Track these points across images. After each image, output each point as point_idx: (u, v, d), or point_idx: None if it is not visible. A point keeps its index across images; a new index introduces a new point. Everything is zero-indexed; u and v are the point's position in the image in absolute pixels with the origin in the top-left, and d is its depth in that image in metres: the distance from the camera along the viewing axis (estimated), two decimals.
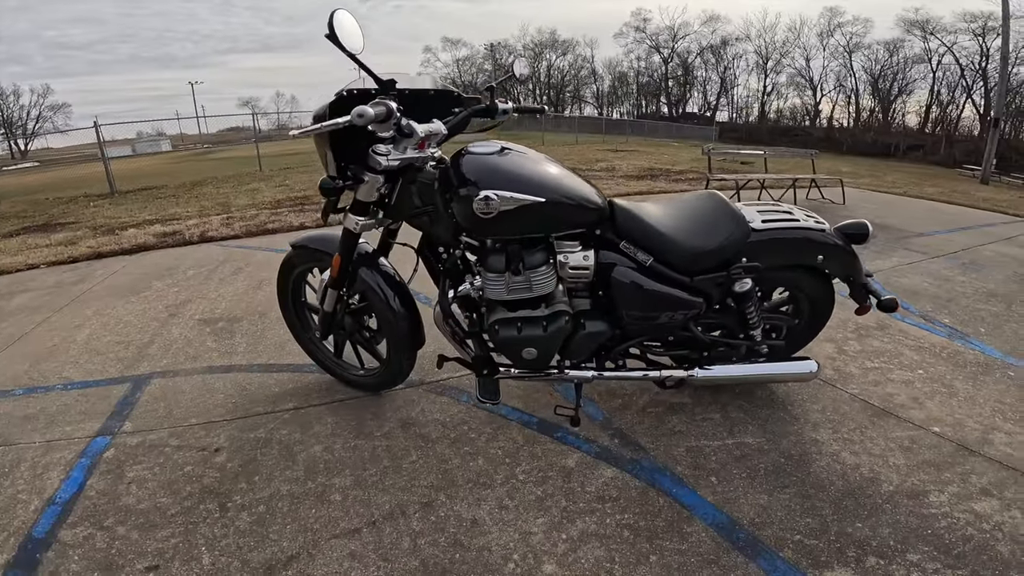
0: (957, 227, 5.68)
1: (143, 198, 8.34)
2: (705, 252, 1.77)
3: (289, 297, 2.24)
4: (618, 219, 1.76)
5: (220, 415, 2.11)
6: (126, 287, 3.66)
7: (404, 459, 1.83)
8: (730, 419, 2.05)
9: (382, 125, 1.54)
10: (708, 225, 1.81)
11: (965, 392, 2.29)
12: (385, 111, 1.49)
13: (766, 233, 1.82)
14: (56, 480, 1.78)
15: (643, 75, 44.32)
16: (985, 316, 3.14)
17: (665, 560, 1.45)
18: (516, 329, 1.72)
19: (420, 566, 1.43)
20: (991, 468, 1.80)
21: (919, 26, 32.05)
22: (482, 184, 1.57)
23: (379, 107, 1.48)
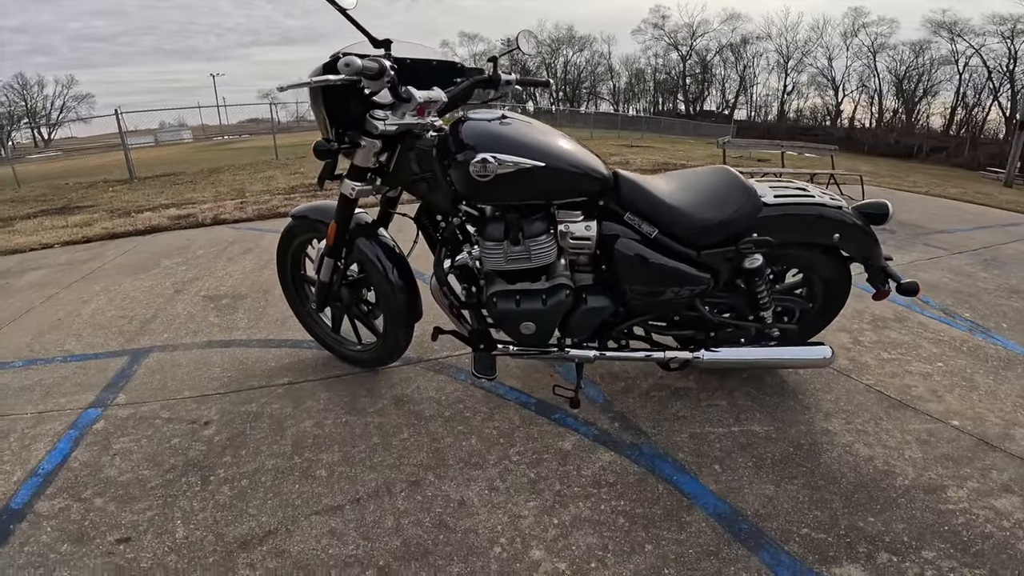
0: (979, 225, 5.49)
1: (161, 184, 8.44)
2: (713, 225, 1.69)
3: (288, 269, 2.20)
4: (622, 190, 1.69)
5: (214, 388, 2.08)
6: (136, 265, 3.67)
7: (395, 436, 1.78)
8: (737, 406, 1.96)
9: (375, 83, 1.48)
10: (717, 198, 1.73)
11: (986, 386, 2.17)
12: (377, 67, 1.44)
13: (778, 208, 1.73)
14: (42, 451, 1.76)
15: (660, 72, 43.90)
16: (1008, 312, 3.00)
17: (661, 550, 1.37)
18: (515, 302, 1.66)
19: (401, 546, 1.37)
20: (1012, 464, 1.70)
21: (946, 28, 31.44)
22: (480, 148, 1.52)
23: (370, 62, 1.43)
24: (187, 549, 1.37)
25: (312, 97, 1.60)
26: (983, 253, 4.29)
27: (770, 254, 1.75)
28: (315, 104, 1.60)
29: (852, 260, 1.89)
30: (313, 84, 1.46)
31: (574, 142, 1.69)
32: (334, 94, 1.57)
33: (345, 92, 1.57)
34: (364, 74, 1.43)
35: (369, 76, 1.44)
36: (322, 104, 1.58)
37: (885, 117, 35.26)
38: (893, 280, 1.84)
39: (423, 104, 1.60)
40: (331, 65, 1.52)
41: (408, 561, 1.33)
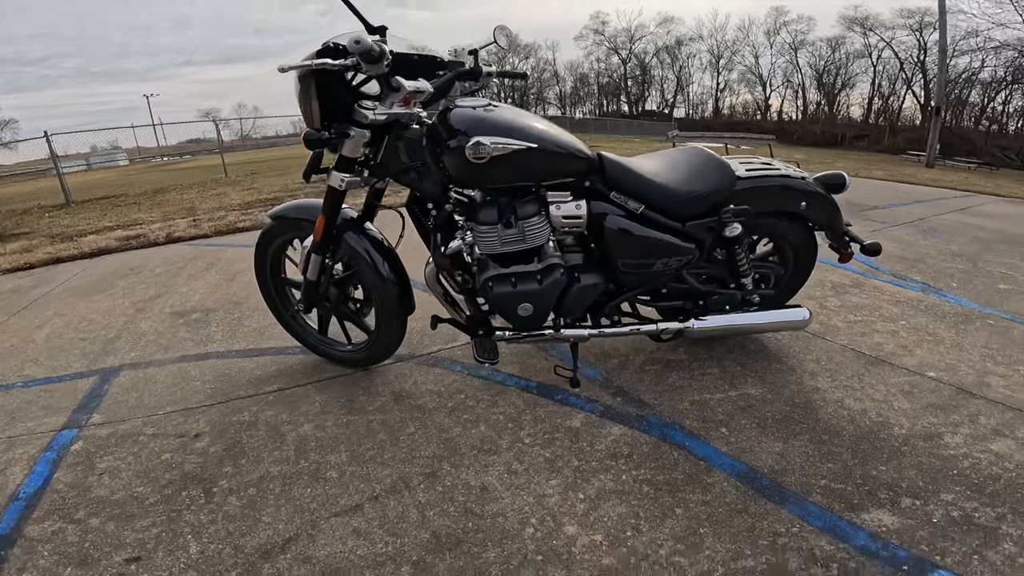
0: (912, 200, 5.90)
1: (102, 206, 7.97)
2: (695, 197, 1.78)
3: (268, 273, 2.13)
4: (607, 170, 1.76)
5: (198, 401, 1.98)
6: (88, 287, 3.46)
7: (401, 431, 1.75)
8: (729, 372, 2.03)
9: (375, 66, 1.48)
10: (696, 173, 1.83)
11: (950, 340, 2.32)
12: (379, 51, 1.44)
13: (751, 181, 1.86)
14: (19, 475, 1.64)
15: (603, 76, 45.00)
16: (954, 273, 3.23)
17: (692, 512, 1.40)
18: (511, 284, 1.68)
19: (431, 538, 1.34)
20: (995, 409, 1.81)
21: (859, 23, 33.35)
22: (472, 132, 1.54)
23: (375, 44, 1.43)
24: (205, 564, 1.30)
25: (303, 85, 1.56)
26: (920, 224, 4.61)
27: (747, 223, 1.86)
28: (306, 92, 1.56)
29: (817, 227, 2.03)
30: (315, 66, 1.44)
31: (561, 129, 1.74)
32: (327, 83, 1.55)
33: (334, 82, 1.55)
34: (370, 54, 1.42)
35: (373, 58, 1.44)
36: (314, 91, 1.55)
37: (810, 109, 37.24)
38: (856, 243, 1.99)
39: (411, 94, 1.61)
40: (324, 52, 1.50)
41: (442, 552, 1.30)
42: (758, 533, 1.33)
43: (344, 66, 1.46)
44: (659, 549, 1.29)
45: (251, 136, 27.58)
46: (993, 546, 1.28)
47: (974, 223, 4.76)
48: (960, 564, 1.24)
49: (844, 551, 1.27)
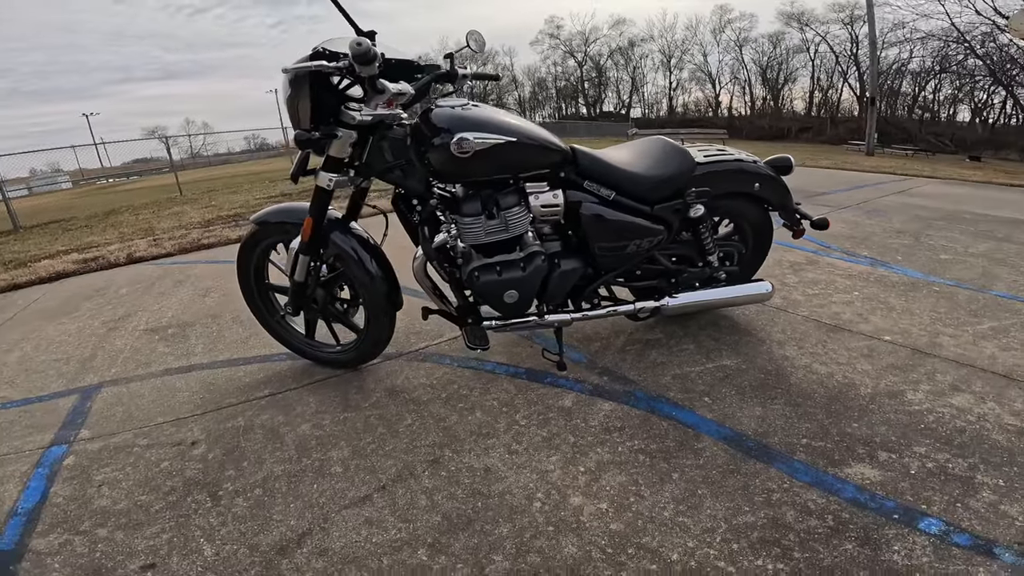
0: (855, 185, 6.28)
1: (51, 231, 7.64)
2: (661, 181, 1.93)
3: (252, 279, 2.14)
4: (580, 161, 1.88)
5: (189, 411, 1.98)
6: (53, 310, 3.35)
7: (399, 423, 1.79)
8: (704, 347, 2.16)
9: (367, 67, 1.54)
10: (660, 160, 1.99)
11: (901, 306, 2.51)
12: (373, 54, 1.51)
13: (709, 166, 2.02)
14: (14, 491, 1.61)
15: (560, 79, 45.66)
16: (898, 247, 3.48)
17: (688, 475, 1.49)
18: (496, 273, 1.76)
19: (443, 520, 1.39)
20: (950, 367, 1.98)
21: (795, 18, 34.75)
22: (455, 129, 1.64)
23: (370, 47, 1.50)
24: (223, 565, 1.31)
25: (296, 87, 1.61)
26: (864, 206, 4.92)
27: (708, 205, 2.02)
28: (298, 94, 1.62)
29: (771, 207, 2.21)
30: (313, 68, 1.51)
31: (536, 124, 1.86)
32: (318, 85, 1.61)
33: (322, 85, 1.62)
34: (366, 56, 1.49)
35: (368, 60, 1.51)
36: (308, 93, 1.60)
37: (757, 105, 38.63)
38: (806, 219, 2.19)
39: (394, 96, 1.68)
40: (316, 56, 1.57)
41: (455, 533, 1.35)
42: (752, 491, 1.42)
43: (338, 68, 1.54)
44: (663, 512, 1.37)
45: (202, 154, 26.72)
46: (972, 495, 1.37)
47: (914, 203, 5.11)
48: (946, 512, 1.32)
49: (835, 503, 1.36)
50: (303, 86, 1.60)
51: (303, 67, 1.54)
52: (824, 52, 33.96)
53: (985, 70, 23.36)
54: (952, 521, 1.30)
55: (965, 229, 4.00)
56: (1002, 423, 1.65)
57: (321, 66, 1.51)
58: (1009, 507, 1.33)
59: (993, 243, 3.61)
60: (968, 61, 23.88)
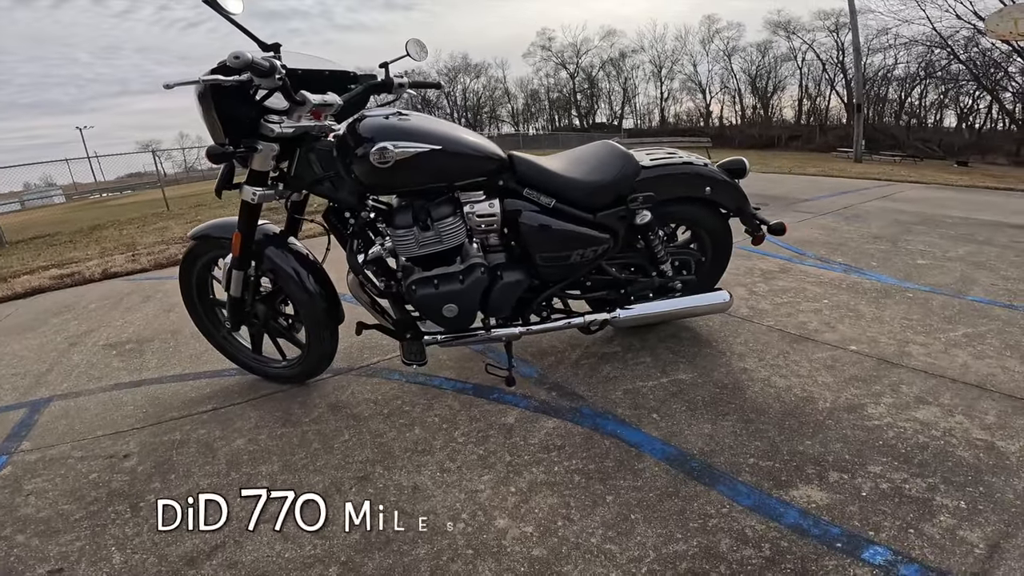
0: (838, 192, 6.25)
1: (36, 246, 7.63)
2: (601, 187, 1.87)
3: (195, 294, 2.10)
4: (518, 168, 1.83)
5: (129, 425, 1.93)
6: (20, 326, 3.30)
7: (336, 439, 1.74)
8: (661, 360, 2.10)
9: (267, 80, 1.49)
10: (602, 165, 1.93)
11: (871, 314, 2.46)
12: (268, 65, 1.46)
13: (655, 169, 1.96)
14: None
15: (553, 91, 45.69)
16: (874, 253, 3.43)
17: (622, 498, 1.42)
18: (433, 286, 1.71)
19: (360, 539, 1.34)
20: (918, 377, 1.89)
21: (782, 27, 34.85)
22: (378, 139, 1.58)
23: (260, 60, 1.45)
24: (128, 573, 1.28)
25: (202, 100, 1.56)
26: (844, 212, 4.88)
27: (658, 211, 1.95)
28: (206, 108, 1.57)
29: (728, 212, 2.14)
30: (202, 81, 1.45)
31: (469, 130, 1.81)
32: (227, 99, 1.55)
33: (238, 98, 1.56)
34: (254, 68, 1.44)
35: (260, 72, 1.45)
36: (213, 107, 1.55)
37: (747, 113, 38.71)
38: (763, 224, 2.11)
39: (318, 107, 1.64)
40: (219, 70, 1.51)
41: (371, 552, 1.30)
42: (689, 516, 1.34)
43: (237, 81, 1.47)
44: (590, 538, 1.30)
45: (196, 167, 26.73)
46: (928, 519, 1.27)
47: (895, 208, 5.07)
48: (895, 539, 1.22)
49: (775, 530, 1.27)
50: (207, 100, 1.54)
51: (191, 81, 1.48)
52: (811, 60, 34.16)
53: (969, 75, 23.42)
54: (901, 550, 1.20)
55: (945, 233, 3.96)
56: (970, 438, 1.55)
57: (216, 80, 1.45)
58: (968, 532, 1.23)
59: (973, 246, 3.57)
60: (952, 66, 24.00)
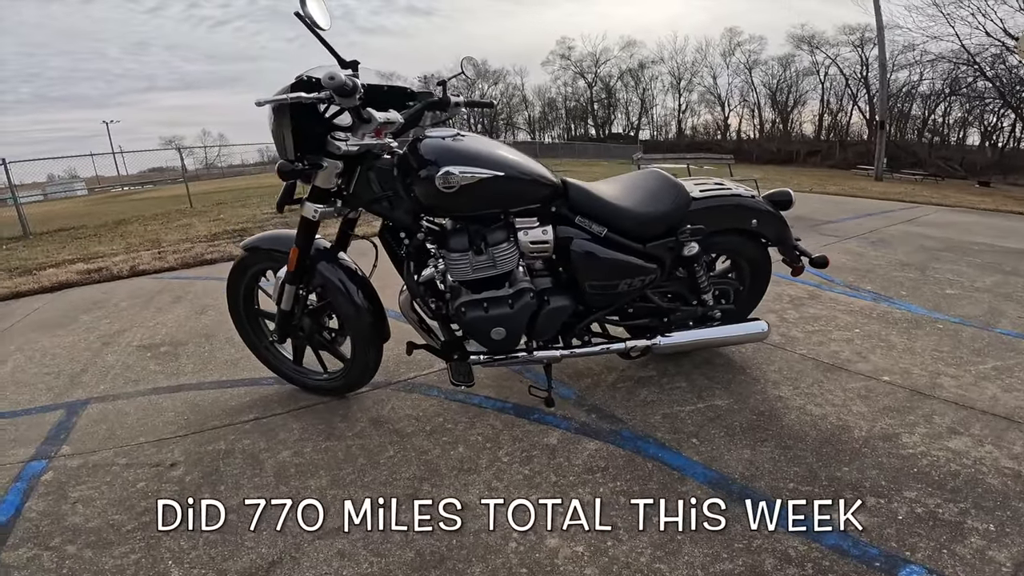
0: (862, 214, 6.23)
1: (60, 239, 7.74)
2: (654, 218, 1.89)
3: (241, 304, 2.13)
4: (571, 195, 1.85)
5: (172, 432, 1.96)
6: (50, 322, 3.36)
7: (381, 455, 1.76)
8: (696, 386, 2.11)
9: (347, 100, 1.53)
10: (654, 195, 1.94)
11: (903, 345, 2.46)
12: (352, 85, 1.50)
13: (705, 201, 1.97)
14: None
15: (570, 100, 45.71)
16: (903, 281, 3.43)
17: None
18: (483, 309, 1.73)
19: (416, 557, 1.36)
20: (950, 409, 1.92)
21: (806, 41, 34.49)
22: (442, 162, 1.61)
23: (347, 79, 1.49)
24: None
25: (278, 117, 1.60)
26: (870, 236, 4.87)
27: (703, 242, 1.97)
28: (280, 124, 1.61)
29: (769, 243, 2.15)
30: (290, 100, 1.49)
31: (526, 156, 1.83)
32: (302, 115, 1.59)
33: (307, 114, 1.60)
34: (343, 88, 1.48)
35: (344, 92, 1.50)
36: (290, 124, 1.59)
37: (766, 128, 38.44)
38: (805, 256, 2.12)
39: (382, 125, 1.67)
40: (298, 85, 1.55)
41: (427, 570, 1.32)
42: (733, 537, 1.38)
43: (318, 99, 1.52)
44: (639, 557, 1.34)
45: (216, 165, 27.12)
46: (960, 540, 1.34)
47: (921, 232, 5.05)
48: (931, 559, 1.29)
49: (816, 550, 1.33)
50: (285, 116, 1.59)
51: (278, 99, 1.52)
52: (834, 75, 33.86)
53: (995, 92, 23.23)
54: (936, 568, 1.27)
55: (972, 261, 3.95)
56: (999, 466, 1.61)
57: (300, 98, 1.50)
58: (997, 552, 1.30)
59: (1000, 276, 3.55)
60: (978, 83, 23.76)
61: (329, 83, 1.47)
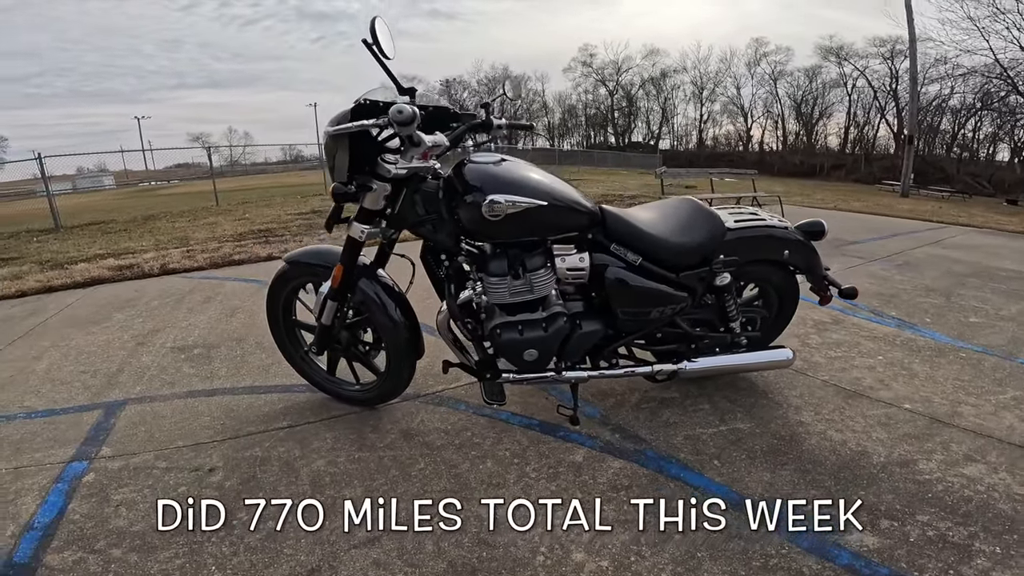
0: (888, 234, 6.17)
1: (91, 233, 7.95)
2: (689, 249, 1.92)
3: (280, 314, 2.20)
4: (608, 223, 1.88)
5: (209, 436, 2.03)
6: (84, 319, 3.48)
7: (412, 467, 1.82)
8: (719, 409, 2.15)
9: (405, 128, 1.59)
10: (689, 225, 1.96)
11: (925, 373, 2.47)
12: (411, 113, 1.56)
13: (739, 231, 2.00)
14: (32, 505, 1.68)
15: (591, 107, 45.60)
16: (928, 308, 3.42)
17: (689, 538, 1.50)
18: (518, 332, 1.78)
19: (448, 568, 1.42)
20: (967, 437, 1.96)
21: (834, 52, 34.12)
22: (487, 189, 1.66)
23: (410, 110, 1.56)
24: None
25: (339, 142, 1.67)
26: (895, 259, 4.84)
27: (735, 272, 1.99)
28: (339, 149, 1.67)
29: (798, 272, 2.17)
30: (355, 128, 1.58)
31: (563, 181, 1.87)
32: (357, 140, 1.66)
33: (362, 138, 1.67)
34: (407, 120, 1.55)
35: (402, 122, 1.56)
36: (347, 148, 1.66)
37: (789, 140, 38.01)
38: (834, 287, 2.13)
39: (429, 148, 1.72)
40: (359, 110, 1.62)
41: None
42: (751, 555, 1.44)
43: (379, 126, 1.59)
44: (661, 573, 1.39)
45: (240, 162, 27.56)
46: (967, 561, 1.41)
47: (947, 256, 5.00)
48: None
49: (830, 569, 1.40)
50: (343, 142, 1.66)
51: (348, 128, 1.59)
52: (862, 87, 33.44)
53: None
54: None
55: (997, 288, 3.91)
56: (1011, 492, 1.66)
57: (363, 126, 1.57)
58: (1001, 573, 1.36)
59: None
60: (1010, 98, 23.33)
61: (398, 117, 1.53)
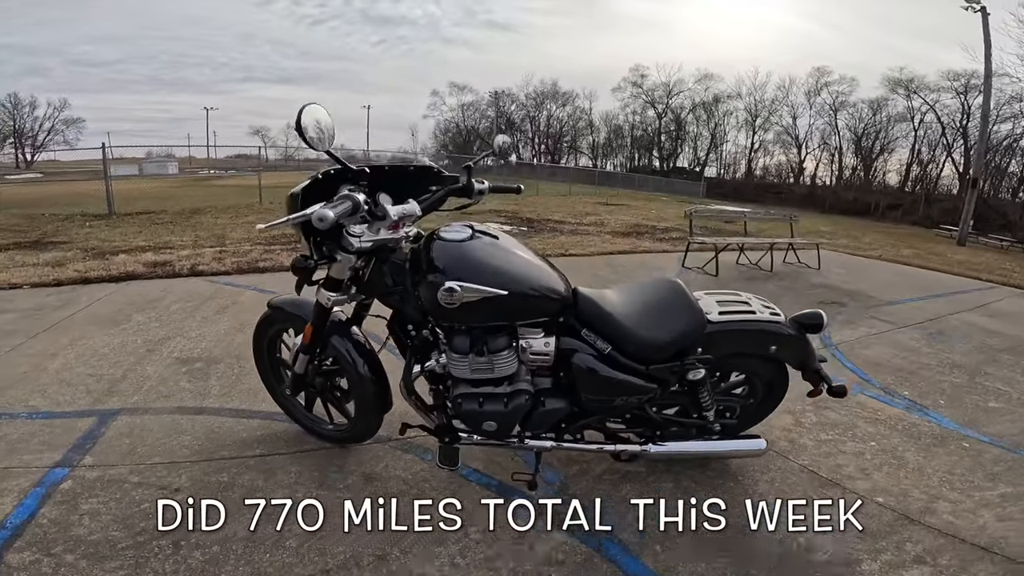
0: (928, 294, 5.78)
1: (139, 222, 8.43)
2: (661, 345, 1.85)
3: (264, 352, 2.31)
4: (581, 307, 1.85)
5: (184, 456, 2.14)
6: (107, 317, 3.69)
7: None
8: (681, 488, 2.11)
9: (351, 218, 1.60)
10: (666, 317, 1.88)
11: (915, 463, 2.37)
12: (351, 206, 1.53)
13: (721, 325, 1.91)
14: (9, 506, 1.82)
15: (637, 129, 45.02)
16: (946, 388, 3.21)
17: None
18: (478, 403, 1.79)
19: None
20: (929, 536, 1.88)
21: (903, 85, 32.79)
22: (448, 273, 1.65)
23: (344, 203, 1.53)
24: None
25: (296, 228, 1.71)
26: (929, 326, 4.48)
27: (716, 363, 1.94)
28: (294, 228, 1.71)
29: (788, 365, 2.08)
30: (292, 221, 1.59)
31: (539, 260, 1.85)
32: None
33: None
34: (339, 219, 1.53)
35: (346, 216, 1.55)
36: (301, 230, 1.70)
37: (845, 175, 36.41)
38: (825, 382, 2.02)
39: (398, 220, 1.73)
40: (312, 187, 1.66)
41: None
42: None
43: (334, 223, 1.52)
44: None
45: (294, 157, 28.78)
46: None
47: (987, 325, 4.66)
48: None
49: None
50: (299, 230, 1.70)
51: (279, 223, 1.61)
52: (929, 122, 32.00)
53: None
54: None
55: None
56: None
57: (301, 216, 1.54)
58: None
59: None
60: None
61: (320, 225, 1.47)
